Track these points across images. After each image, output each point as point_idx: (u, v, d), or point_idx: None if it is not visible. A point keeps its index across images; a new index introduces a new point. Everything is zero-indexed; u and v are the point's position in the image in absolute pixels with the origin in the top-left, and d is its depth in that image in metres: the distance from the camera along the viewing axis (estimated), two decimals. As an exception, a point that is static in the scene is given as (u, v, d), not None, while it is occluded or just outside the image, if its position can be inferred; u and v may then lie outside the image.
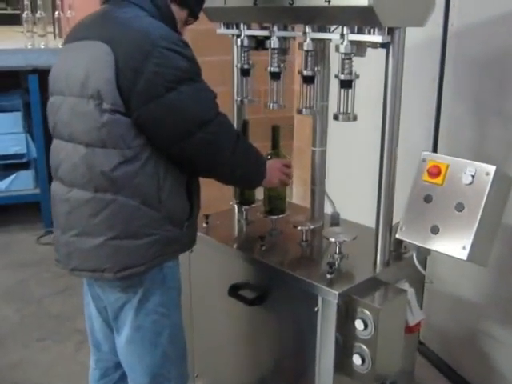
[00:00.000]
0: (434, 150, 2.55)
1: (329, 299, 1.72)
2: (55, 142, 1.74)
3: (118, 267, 1.64)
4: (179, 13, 1.75)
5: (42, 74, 3.91)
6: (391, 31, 1.67)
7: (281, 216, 2.12)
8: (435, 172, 1.77)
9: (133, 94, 1.54)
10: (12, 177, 4.62)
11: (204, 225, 2.20)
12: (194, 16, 1.81)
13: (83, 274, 1.70)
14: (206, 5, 1.83)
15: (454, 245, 1.69)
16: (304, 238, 2.03)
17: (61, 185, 1.71)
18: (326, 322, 1.75)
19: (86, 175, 1.62)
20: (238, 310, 2.02)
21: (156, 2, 1.68)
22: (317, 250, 2.06)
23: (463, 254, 1.66)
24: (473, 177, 1.69)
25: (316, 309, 1.75)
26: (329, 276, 1.77)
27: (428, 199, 1.78)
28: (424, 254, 1.91)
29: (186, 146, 1.61)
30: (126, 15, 1.64)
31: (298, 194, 3.88)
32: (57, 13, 4.75)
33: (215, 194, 2.20)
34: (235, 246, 2.09)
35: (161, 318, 1.77)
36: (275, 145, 2.10)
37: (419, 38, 2.35)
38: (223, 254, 2.10)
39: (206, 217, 2.21)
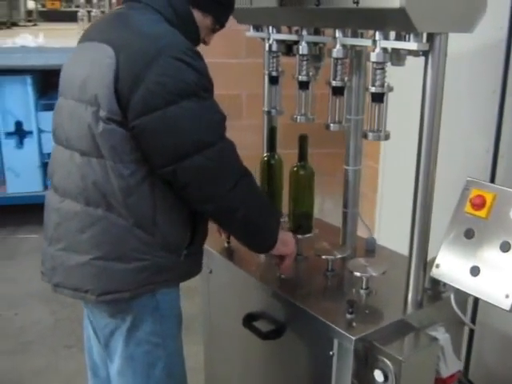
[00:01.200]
0: (493, 173, 2.25)
1: (345, 344, 1.50)
2: (54, 148, 1.64)
3: (100, 290, 1.50)
4: (202, 20, 1.59)
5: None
6: (431, 37, 1.43)
7: (307, 235, 1.89)
8: (479, 203, 1.51)
9: (130, 103, 1.40)
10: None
11: (225, 244, 2.03)
12: (219, 23, 1.64)
13: (65, 291, 1.57)
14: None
15: (496, 291, 1.43)
16: (329, 268, 1.81)
17: (54, 194, 1.60)
18: (341, 368, 1.53)
19: (80, 186, 1.50)
20: (253, 341, 1.82)
21: (175, 6, 1.52)
22: (343, 282, 1.82)
23: (506, 304, 1.41)
24: (523, 212, 1.43)
25: (331, 353, 1.54)
26: (348, 316, 1.55)
27: (469, 234, 1.52)
28: (464, 296, 1.66)
29: (180, 169, 1.43)
30: (140, 18, 1.50)
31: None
32: (112, 11, 4.70)
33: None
34: (253, 271, 1.87)
35: (154, 349, 1.62)
36: (302, 156, 1.87)
37: (476, 44, 2.08)
38: (241, 279, 1.90)
39: (229, 235, 2.03)
